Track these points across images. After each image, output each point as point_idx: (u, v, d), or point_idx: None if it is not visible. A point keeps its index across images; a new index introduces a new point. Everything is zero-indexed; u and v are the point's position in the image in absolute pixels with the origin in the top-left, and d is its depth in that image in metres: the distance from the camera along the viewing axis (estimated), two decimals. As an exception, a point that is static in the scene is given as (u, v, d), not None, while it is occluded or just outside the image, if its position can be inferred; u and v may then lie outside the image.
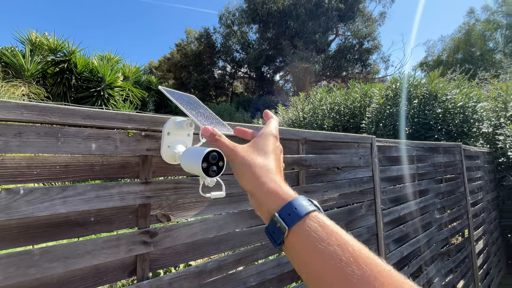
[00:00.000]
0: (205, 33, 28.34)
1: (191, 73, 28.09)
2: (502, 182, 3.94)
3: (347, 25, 20.67)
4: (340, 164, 1.35)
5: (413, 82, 5.62)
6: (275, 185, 0.37)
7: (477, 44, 25.83)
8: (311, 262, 0.30)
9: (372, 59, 23.53)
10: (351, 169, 1.42)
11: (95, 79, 9.27)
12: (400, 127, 5.36)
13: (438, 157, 2.41)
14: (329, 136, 1.29)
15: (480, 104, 4.78)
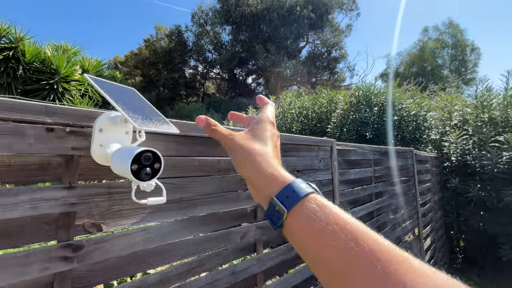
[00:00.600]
0: (176, 31, 27.45)
1: (160, 70, 26.92)
2: (447, 184, 4.37)
3: (316, 33, 21.60)
4: (300, 167, 1.34)
5: (374, 90, 6.02)
6: (273, 170, 0.38)
7: (428, 60, 28.87)
8: (311, 242, 0.30)
9: (339, 68, 24.87)
10: (311, 172, 1.42)
11: (48, 70, 8.37)
12: (362, 132, 5.69)
13: (393, 161, 2.57)
14: (289, 139, 1.27)
15: (430, 113, 5.29)
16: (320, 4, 18.80)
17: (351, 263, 0.26)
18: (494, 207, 3.80)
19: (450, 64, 28.24)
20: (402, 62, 31.52)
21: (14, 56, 7.48)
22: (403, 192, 2.71)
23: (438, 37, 28.27)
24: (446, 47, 28.52)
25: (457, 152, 4.40)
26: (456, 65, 27.04)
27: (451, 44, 28.08)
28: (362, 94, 6.09)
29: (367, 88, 5.97)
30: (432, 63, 28.58)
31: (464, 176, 4.26)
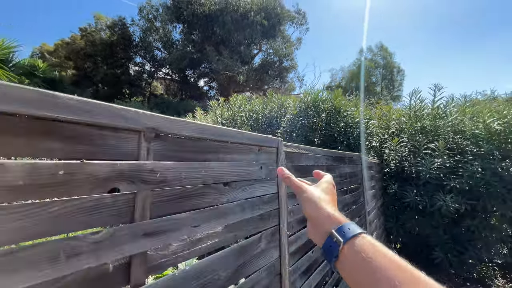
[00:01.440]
0: (120, 23, 24.86)
1: (98, 64, 23.81)
2: (387, 189, 4.52)
3: (269, 42, 22.11)
4: (229, 178, 0.87)
5: (321, 97, 6.07)
6: (333, 212, 0.47)
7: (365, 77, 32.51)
8: (361, 271, 0.36)
9: (290, 77, 25.95)
10: (246, 184, 0.96)
11: None
12: (311, 138, 5.62)
13: (344, 167, 2.33)
14: (209, 131, 0.79)
15: (371, 121, 5.55)
16: (273, 14, 19.30)
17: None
18: (427, 212, 4.02)
19: (382, 82, 32.34)
20: (344, 77, 34.86)
21: None
22: (353, 201, 2.50)
23: (372, 58, 32.11)
24: (378, 67, 32.63)
25: (396, 159, 4.60)
26: (386, 83, 31.07)
27: (383, 64, 32.27)
28: (311, 100, 6.09)
29: (315, 94, 5.99)
30: (368, 80, 32.29)
31: (402, 182, 4.47)
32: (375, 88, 32.03)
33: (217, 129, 0.83)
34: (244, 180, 0.95)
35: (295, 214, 1.34)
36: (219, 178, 0.83)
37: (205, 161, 0.78)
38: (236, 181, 0.91)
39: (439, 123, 4.48)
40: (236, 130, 0.92)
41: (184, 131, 0.70)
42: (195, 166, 0.73)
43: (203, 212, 0.74)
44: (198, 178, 0.74)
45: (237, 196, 0.91)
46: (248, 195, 0.96)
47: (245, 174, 0.96)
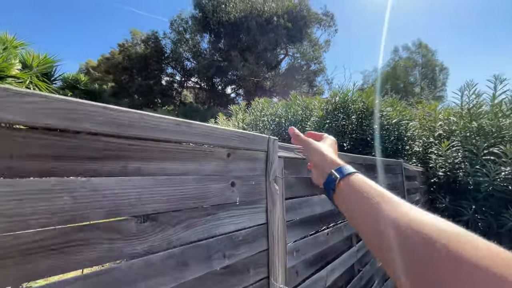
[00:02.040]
0: (153, 37, 26.44)
1: (133, 76, 25.48)
2: (436, 204, 3.72)
3: (296, 46, 21.63)
4: (152, 206, 0.46)
5: (351, 97, 5.43)
6: (335, 158, 0.55)
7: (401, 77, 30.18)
8: (353, 201, 0.43)
9: (318, 81, 25.09)
10: (198, 215, 0.54)
11: (-26, 63, 7.01)
12: (339, 142, 5.01)
13: (379, 177, 1.79)
14: (99, 116, 0.39)
15: (412, 122, 4.75)
16: (299, 17, 18.83)
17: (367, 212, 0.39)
18: (492, 233, 3.17)
19: (421, 81, 29.66)
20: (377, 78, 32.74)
21: None
22: (393, 222, 1.92)
23: (409, 56, 29.75)
24: (417, 66, 30.03)
25: (446, 166, 3.79)
26: (427, 82, 28.41)
27: (421, 63, 29.64)
28: (339, 101, 5.48)
29: (345, 94, 5.37)
30: (405, 80, 29.87)
31: (455, 195, 3.64)
32: (413, 88, 29.48)
33: (123, 113, 0.43)
34: (191, 209, 0.53)
35: (303, 252, 0.88)
36: (125, 207, 0.42)
37: (80, 175, 0.38)
38: (172, 210, 0.50)
39: (502, 122, 3.60)
40: (177, 119, 0.51)
41: (11, 114, 0.31)
42: (41, 188, 0.34)
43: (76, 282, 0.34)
44: (50, 214, 0.35)
45: (172, 238, 0.49)
46: (199, 234, 0.55)
47: (195, 197, 0.54)
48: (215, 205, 0.59)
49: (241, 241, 0.64)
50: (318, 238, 0.97)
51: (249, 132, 0.68)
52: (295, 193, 0.89)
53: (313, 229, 0.98)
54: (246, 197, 0.67)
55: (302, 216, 0.91)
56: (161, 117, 0.49)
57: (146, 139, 0.47)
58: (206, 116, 19.94)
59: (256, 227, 0.69)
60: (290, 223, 0.85)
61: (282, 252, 0.76)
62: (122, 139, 0.44)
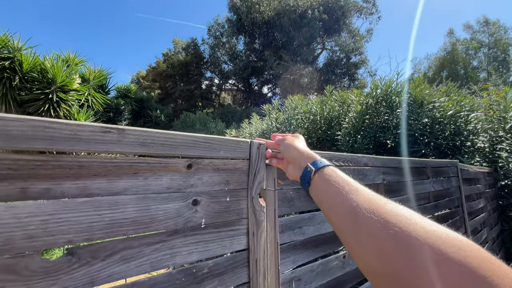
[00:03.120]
0: (192, 44, 27.94)
1: (176, 83, 27.30)
2: (507, 211, 3.04)
3: (334, 39, 20.52)
4: (69, 236, 0.36)
5: (396, 88, 4.84)
6: (310, 152, 0.57)
7: (461, 62, 26.30)
8: (326, 192, 0.45)
9: (360, 73, 23.43)
10: (147, 246, 0.43)
11: (45, 80, 8.22)
12: (381, 139, 4.50)
13: (424, 184, 1.47)
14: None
15: (474, 113, 3.99)
16: (336, 7, 17.77)
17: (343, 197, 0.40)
18: None
19: (488, 65, 25.38)
20: (431, 66, 29.15)
21: (11, 67, 7.38)
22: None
23: (473, 37, 25.74)
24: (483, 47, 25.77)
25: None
26: (496, 66, 24.19)
27: (489, 43, 25.34)
28: (381, 93, 4.94)
29: (387, 86, 4.81)
30: (467, 65, 25.93)
31: (535, 201, 2.92)
32: (477, 74, 25.39)
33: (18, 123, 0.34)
34: (129, 237, 0.43)
35: (306, 282, 0.71)
36: (22, 240, 0.34)
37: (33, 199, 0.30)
38: (98, 240, 0.40)
39: None
40: (105, 126, 0.41)
41: None
42: None
43: None
44: None
45: (100, 275, 0.39)
46: (143, 268, 0.43)
47: (136, 222, 0.44)
48: (169, 230, 0.47)
49: (207, 274, 0.51)
50: (329, 263, 0.79)
51: (219, 137, 0.55)
52: (295, 208, 0.72)
53: (323, 251, 0.79)
54: (216, 218, 0.54)
55: (305, 236, 0.74)
56: (81, 125, 0.39)
57: (59, 153, 0.38)
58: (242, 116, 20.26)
59: (230, 255, 0.55)
60: (287, 246, 0.69)
61: (272, 285, 0.61)
62: (19, 155, 0.34)
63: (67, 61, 9.15)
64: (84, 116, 8.73)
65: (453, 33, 27.57)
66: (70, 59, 9.28)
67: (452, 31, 27.63)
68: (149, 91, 28.32)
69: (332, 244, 0.82)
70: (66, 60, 9.16)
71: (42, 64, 8.15)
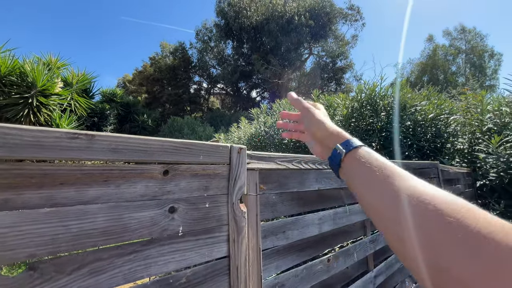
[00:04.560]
0: (180, 48, 27.74)
1: (164, 87, 26.95)
2: (487, 210, 3.16)
3: (320, 44, 20.97)
4: (24, 250, 0.33)
5: (380, 92, 4.99)
6: (340, 130, 0.52)
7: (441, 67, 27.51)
8: (359, 173, 0.42)
9: (346, 78, 24.00)
10: (118, 257, 0.40)
11: (24, 84, 7.90)
12: (367, 142, 4.60)
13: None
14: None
15: (453, 116, 4.16)
16: (322, 14, 18.23)
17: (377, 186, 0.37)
18: None
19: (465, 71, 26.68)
20: (413, 71, 30.30)
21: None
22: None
23: (451, 43, 27.04)
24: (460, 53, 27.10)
25: (498, 166, 3.21)
26: (473, 71, 25.46)
27: (466, 50, 26.67)
28: (365, 97, 5.07)
29: (371, 89, 4.94)
30: (446, 70, 27.14)
31: (511, 199, 3.06)
32: (456, 78, 26.62)
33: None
34: (99, 249, 0.40)
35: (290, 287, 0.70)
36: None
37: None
38: (63, 253, 0.37)
39: None
40: (71, 131, 0.39)
41: None
42: None
43: None
44: None
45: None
46: (114, 281, 0.41)
47: (106, 232, 0.41)
48: (144, 239, 0.45)
49: (185, 284, 0.49)
50: (314, 267, 0.78)
51: (198, 142, 0.53)
52: (278, 213, 0.72)
53: (308, 255, 0.79)
54: (194, 226, 0.52)
55: (289, 241, 0.73)
56: (44, 131, 0.37)
57: (19, 160, 0.35)
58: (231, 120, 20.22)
59: (210, 263, 0.53)
60: (269, 251, 0.68)
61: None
62: (-27, 163, 0.32)
63: (48, 64, 8.84)
64: (66, 121, 8.42)
65: (433, 39, 28.87)
66: (52, 62, 8.99)
67: (431, 37, 28.92)
68: (136, 96, 27.76)
69: (317, 248, 0.82)
70: (47, 63, 8.86)
71: (22, 68, 7.84)
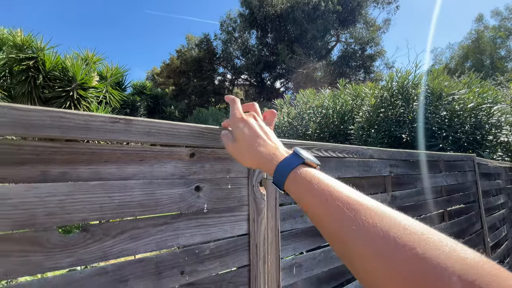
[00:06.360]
0: (205, 40, 28.10)
1: (190, 79, 27.66)
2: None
3: (349, 30, 19.92)
4: (83, 215, 0.41)
5: (413, 80, 4.67)
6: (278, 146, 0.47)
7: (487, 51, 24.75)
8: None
9: (376, 66, 22.64)
10: (146, 225, 0.47)
11: (66, 78, 8.60)
12: (396, 133, 4.38)
13: (436, 177, 1.44)
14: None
15: (497, 106, 3.78)
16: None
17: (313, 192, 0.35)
18: None
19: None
20: (453, 56, 27.64)
21: (35, 66, 7.79)
22: (457, 233, 1.53)
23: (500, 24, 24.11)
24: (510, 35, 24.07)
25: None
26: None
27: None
28: (397, 86, 4.78)
29: (404, 78, 4.64)
30: (493, 54, 24.36)
31: None
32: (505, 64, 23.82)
33: (35, 113, 0.39)
34: (137, 218, 0.47)
35: (308, 268, 0.74)
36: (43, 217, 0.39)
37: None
38: (109, 220, 0.44)
39: None
40: (113, 116, 0.45)
41: None
42: None
43: None
44: None
45: (112, 251, 0.44)
46: (149, 247, 0.48)
47: (142, 205, 0.48)
48: (173, 213, 0.51)
49: (209, 255, 0.54)
50: (331, 252, 0.81)
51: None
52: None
53: (325, 241, 0.81)
54: (217, 204, 0.57)
55: (307, 225, 0.76)
56: (92, 115, 0.43)
57: (71, 140, 0.42)
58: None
59: (231, 238, 0.58)
60: (287, 233, 0.71)
61: (272, 269, 0.64)
62: (38, 142, 0.39)
63: (85, 59, 9.50)
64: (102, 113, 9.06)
65: (482, 19, 25.89)
66: (89, 57, 9.63)
67: (481, 17, 25.94)
68: (164, 88, 28.89)
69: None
70: (85, 58, 9.52)
71: (63, 63, 8.52)
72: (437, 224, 1.38)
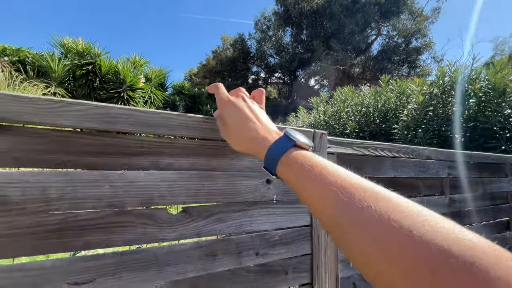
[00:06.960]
0: (239, 39, 28.62)
1: (225, 78, 28.49)
2: None
3: (391, 22, 18.57)
4: (182, 198, 0.51)
5: (469, 75, 4.22)
6: (271, 128, 0.46)
7: None
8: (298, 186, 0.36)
9: (422, 59, 20.75)
10: (229, 210, 0.56)
11: (118, 81, 9.54)
12: (447, 133, 4.01)
13: (501, 182, 1.32)
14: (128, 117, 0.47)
15: None
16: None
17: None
18: None
19: None
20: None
21: (93, 70, 8.80)
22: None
23: None
24: None
25: None
26: None
27: None
28: (449, 81, 4.37)
29: (458, 72, 4.22)
30: None
31: None
32: None
33: (151, 115, 0.48)
34: (222, 204, 0.55)
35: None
36: (156, 198, 0.48)
37: (117, 169, 0.45)
38: (201, 204, 0.53)
39: None
40: (204, 117, 0.54)
41: (59, 119, 0.40)
42: (87, 178, 0.42)
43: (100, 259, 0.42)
44: (97, 199, 0.43)
45: (203, 230, 0.52)
46: (230, 229, 0.55)
47: (225, 193, 0.56)
48: (248, 201, 0.58)
49: (277, 241, 0.60)
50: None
51: (289, 127, 0.63)
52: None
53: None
54: (284, 196, 0.63)
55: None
56: (190, 116, 0.52)
57: (175, 137, 0.51)
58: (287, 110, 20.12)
59: (296, 228, 0.64)
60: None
61: (331, 260, 0.68)
62: (152, 138, 0.49)
63: (134, 62, 10.39)
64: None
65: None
66: (136, 61, 10.50)
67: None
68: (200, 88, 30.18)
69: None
70: (133, 62, 10.41)
71: (116, 67, 9.44)
72: (502, 232, 1.27)
